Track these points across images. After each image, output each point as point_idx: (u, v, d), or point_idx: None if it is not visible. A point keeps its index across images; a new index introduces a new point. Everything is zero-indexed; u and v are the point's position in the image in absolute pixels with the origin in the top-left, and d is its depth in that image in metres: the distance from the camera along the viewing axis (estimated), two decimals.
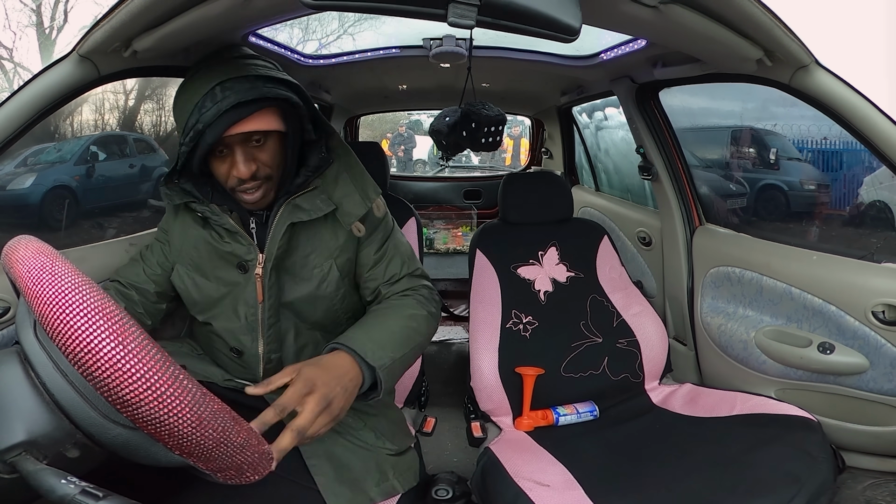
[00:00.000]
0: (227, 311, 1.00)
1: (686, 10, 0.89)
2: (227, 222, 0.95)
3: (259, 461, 0.57)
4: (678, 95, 1.68)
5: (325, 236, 1.00)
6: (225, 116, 0.83)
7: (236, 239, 0.96)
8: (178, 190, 0.97)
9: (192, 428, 0.46)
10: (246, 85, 0.85)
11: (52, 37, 9.82)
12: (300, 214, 0.96)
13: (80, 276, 0.46)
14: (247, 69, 0.87)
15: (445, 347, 2.52)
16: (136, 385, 0.43)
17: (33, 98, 0.96)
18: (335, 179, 1.00)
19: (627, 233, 2.10)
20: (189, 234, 1.00)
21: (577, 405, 1.31)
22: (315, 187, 0.98)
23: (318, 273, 0.99)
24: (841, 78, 1.11)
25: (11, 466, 0.53)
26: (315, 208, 0.96)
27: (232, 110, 0.83)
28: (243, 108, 0.84)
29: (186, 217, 1.01)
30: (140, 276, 1.05)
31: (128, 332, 0.44)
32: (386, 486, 0.94)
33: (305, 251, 0.99)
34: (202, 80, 0.86)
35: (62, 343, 0.43)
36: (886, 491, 1.24)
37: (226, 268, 0.99)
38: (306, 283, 0.99)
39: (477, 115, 1.63)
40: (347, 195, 0.99)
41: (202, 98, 0.84)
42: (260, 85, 0.86)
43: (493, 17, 0.66)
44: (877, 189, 1.81)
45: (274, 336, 0.99)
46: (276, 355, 1.00)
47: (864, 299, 1.21)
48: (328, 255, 1.00)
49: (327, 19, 2.95)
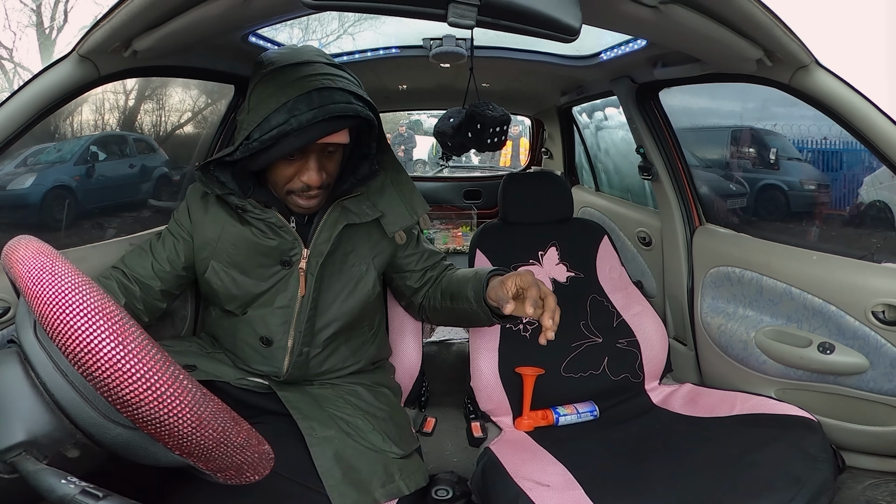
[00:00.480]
0: (266, 304, 1.01)
1: (686, 10, 0.89)
2: (273, 216, 0.97)
3: (259, 461, 0.57)
4: (678, 95, 1.68)
5: (364, 238, 1.06)
6: (322, 125, 0.85)
7: (280, 234, 0.98)
8: (213, 179, 0.97)
9: (192, 428, 0.46)
10: (343, 98, 0.86)
11: (52, 37, 9.82)
12: (352, 217, 1.01)
13: (80, 277, 0.46)
14: (341, 82, 0.89)
15: (445, 347, 2.52)
16: (136, 385, 0.43)
17: (33, 98, 0.96)
18: (381, 189, 1.06)
19: (627, 233, 2.10)
20: (227, 231, 1.01)
21: (577, 405, 1.31)
22: (360, 193, 1.03)
23: (357, 272, 1.05)
24: (841, 78, 1.11)
25: (11, 466, 0.53)
26: (363, 213, 1.02)
27: (328, 121, 0.85)
28: (339, 121, 0.86)
29: (220, 212, 1.02)
30: (147, 270, 1.03)
31: (128, 332, 0.44)
32: (391, 487, 0.94)
33: (346, 250, 1.04)
34: (296, 80, 0.86)
35: (62, 343, 0.43)
36: (886, 491, 1.24)
37: (268, 263, 1.00)
38: (345, 281, 1.04)
39: (482, 116, 1.63)
40: (393, 206, 1.06)
41: (294, 99, 0.84)
42: (352, 100, 0.88)
43: (493, 17, 0.66)
44: (877, 189, 1.81)
45: (308, 330, 1.01)
46: (306, 349, 1.02)
47: (864, 299, 1.21)
48: (367, 255, 1.06)
49: (327, 19, 2.95)
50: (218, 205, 1.02)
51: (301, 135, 0.85)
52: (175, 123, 2.67)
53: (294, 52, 0.96)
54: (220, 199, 1.00)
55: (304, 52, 0.96)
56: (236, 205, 0.97)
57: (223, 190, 0.97)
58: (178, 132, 2.70)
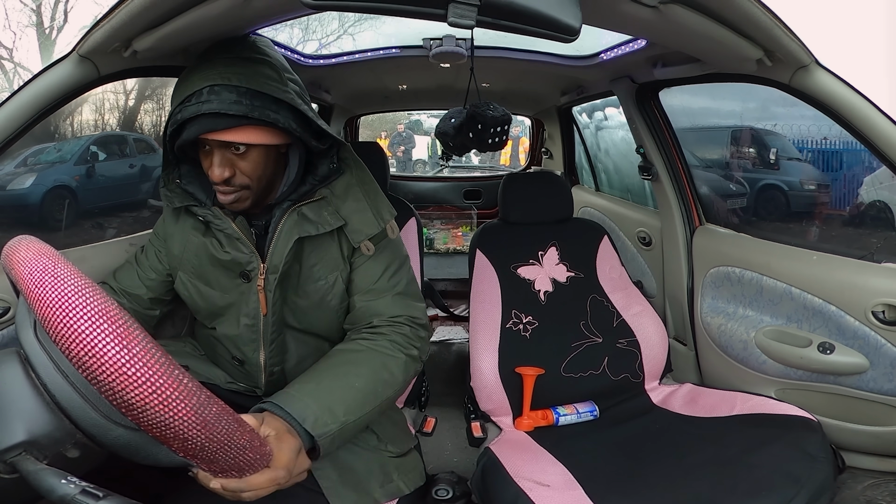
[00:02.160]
0: (231, 320, 0.97)
1: (686, 10, 0.89)
2: (229, 226, 0.91)
3: (260, 461, 0.57)
4: (678, 95, 1.68)
5: (331, 248, 0.95)
6: (203, 120, 0.80)
7: (236, 246, 0.92)
8: (179, 192, 0.95)
9: (196, 430, 0.46)
10: (233, 97, 0.80)
11: (52, 37, 9.82)
12: (308, 227, 0.91)
13: (82, 279, 0.46)
14: (243, 79, 0.82)
15: (445, 347, 2.52)
16: (142, 389, 0.43)
17: (33, 98, 0.96)
18: (345, 192, 0.96)
19: (627, 233, 2.10)
20: (190, 242, 0.97)
21: (578, 405, 1.31)
22: (322, 197, 0.94)
23: (324, 285, 0.95)
24: (841, 78, 1.11)
25: (11, 466, 0.53)
26: (323, 221, 0.92)
27: (211, 117, 0.80)
28: (221, 119, 0.81)
29: (187, 222, 0.98)
30: (134, 280, 1.02)
31: (132, 336, 0.44)
32: (390, 486, 0.93)
33: (310, 262, 0.95)
34: (200, 73, 0.83)
35: (66, 347, 0.43)
36: (886, 491, 1.23)
37: (228, 276, 0.95)
38: (311, 296, 0.96)
39: (483, 116, 1.63)
40: (358, 211, 0.95)
41: (193, 93, 0.81)
42: (250, 101, 0.81)
43: (493, 17, 0.66)
44: (877, 189, 1.81)
45: (277, 348, 0.97)
46: (279, 367, 0.98)
47: (864, 299, 1.21)
48: (333, 268, 0.96)
49: (327, 19, 2.95)
50: (186, 214, 0.97)
51: (189, 128, 0.81)
52: None
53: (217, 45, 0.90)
54: (187, 209, 0.96)
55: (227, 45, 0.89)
56: (199, 215, 0.93)
57: (186, 201, 0.93)
58: None
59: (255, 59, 0.86)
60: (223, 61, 0.84)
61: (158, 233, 1.04)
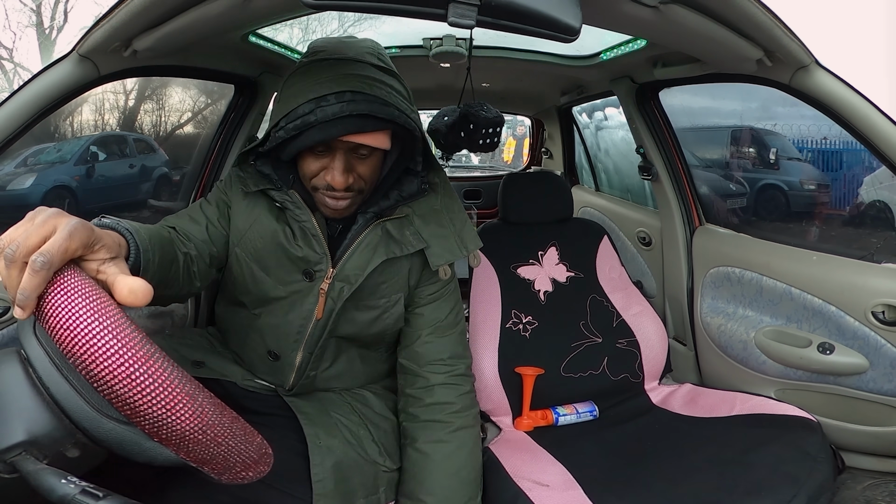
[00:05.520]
0: (278, 314, 0.94)
1: (686, 10, 0.89)
2: (310, 220, 0.89)
3: (260, 461, 0.57)
4: (678, 95, 1.68)
5: (402, 269, 0.95)
6: (346, 121, 0.79)
7: (310, 243, 0.89)
8: (252, 173, 0.92)
9: (200, 434, 0.46)
10: (378, 102, 0.80)
11: (52, 37, 9.82)
12: (393, 248, 0.91)
13: (84, 280, 0.46)
14: (379, 90, 0.81)
15: None
16: (143, 391, 0.43)
17: (33, 98, 0.96)
18: (428, 214, 0.95)
19: (627, 233, 2.10)
20: (259, 223, 0.92)
21: (577, 405, 1.31)
22: (405, 215, 0.93)
23: (386, 303, 0.95)
24: (841, 78, 1.11)
25: (11, 466, 0.53)
26: (406, 242, 0.92)
27: (355, 118, 0.79)
28: (366, 121, 0.80)
29: (258, 202, 0.93)
30: (202, 233, 0.92)
31: (133, 338, 0.44)
32: (373, 498, 0.93)
33: (380, 279, 0.93)
34: (334, 76, 0.81)
35: (70, 352, 0.43)
36: (886, 491, 1.23)
37: (289, 270, 0.92)
38: (370, 311, 0.95)
39: (475, 116, 1.63)
40: (441, 237, 0.94)
41: (322, 96, 0.79)
42: (391, 109, 0.81)
43: (493, 17, 0.66)
44: (877, 189, 1.81)
45: (319, 353, 0.96)
46: (314, 372, 0.98)
47: (863, 299, 1.21)
48: (399, 288, 0.95)
49: (327, 19, 2.94)
50: (259, 196, 0.94)
51: (324, 128, 0.79)
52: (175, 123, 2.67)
53: (343, 46, 0.88)
54: (263, 192, 0.92)
55: (354, 47, 0.88)
56: (276, 200, 0.90)
57: (262, 184, 0.91)
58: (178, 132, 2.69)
59: (391, 72, 0.88)
60: (358, 68, 0.84)
61: (225, 201, 0.96)
